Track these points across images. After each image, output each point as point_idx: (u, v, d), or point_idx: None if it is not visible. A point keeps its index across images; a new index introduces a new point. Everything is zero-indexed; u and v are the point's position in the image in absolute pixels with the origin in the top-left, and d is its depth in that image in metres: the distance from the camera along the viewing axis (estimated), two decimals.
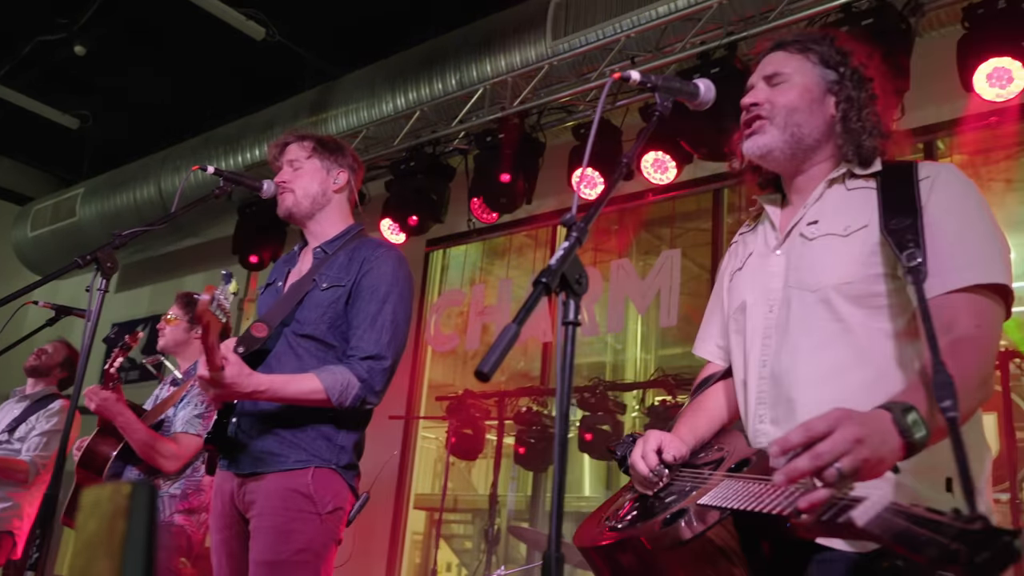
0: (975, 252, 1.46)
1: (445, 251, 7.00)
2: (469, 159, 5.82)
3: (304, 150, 2.75)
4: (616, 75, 1.53)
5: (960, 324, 1.40)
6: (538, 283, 1.25)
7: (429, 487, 6.94)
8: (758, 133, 1.68)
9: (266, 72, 7.16)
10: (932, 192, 1.52)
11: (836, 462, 1.18)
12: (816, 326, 1.56)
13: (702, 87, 1.64)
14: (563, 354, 1.25)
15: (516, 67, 5.43)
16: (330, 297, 2.52)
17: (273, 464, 2.41)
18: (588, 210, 1.44)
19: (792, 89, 1.67)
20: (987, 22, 3.85)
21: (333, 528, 2.42)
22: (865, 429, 1.21)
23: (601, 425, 5.56)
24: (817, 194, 1.65)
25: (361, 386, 2.41)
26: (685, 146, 4.67)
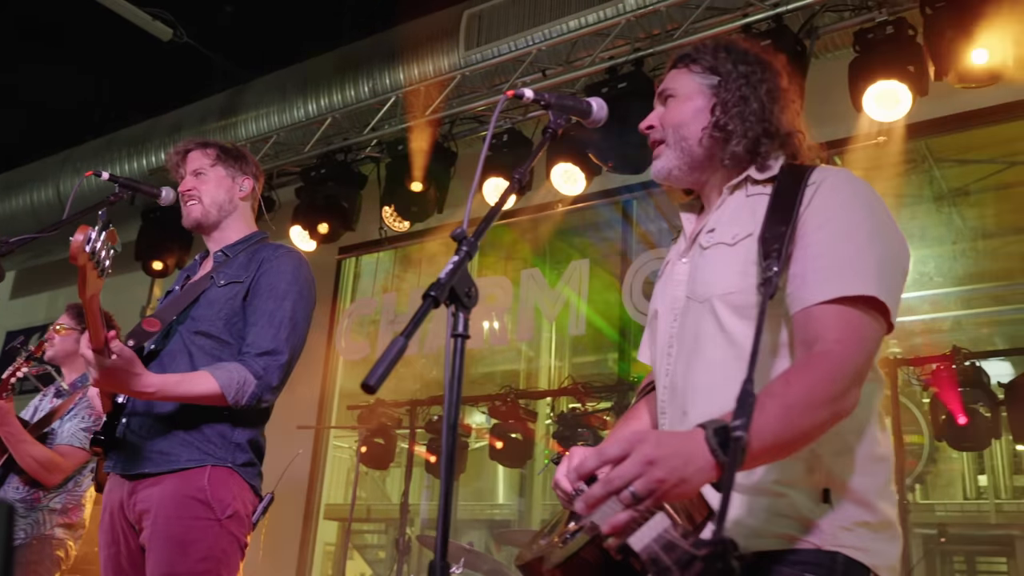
0: (845, 262, 1.40)
1: (357, 259, 6.95)
2: (381, 167, 5.80)
3: (208, 158, 2.70)
4: (510, 93, 1.57)
5: (821, 339, 1.36)
6: (427, 296, 1.26)
7: (341, 497, 6.85)
8: (657, 158, 1.68)
9: (173, 74, 6.98)
10: (814, 198, 1.47)
11: (629, 486, 1.19)
12: (706, 337, 1.54)
13: (595, 105, 1.69)
14: (451, 366, 1.27)
15: (429, 76, 5.44)
16: (227, 293, 2.49)
17: (164, 464, 2.33)
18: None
19: (676, 104, 1.67)
20: (876, 46, 4.06)
21: (235, 533, 2.34)
22: (661, 451, 1.20)
23: (512, 433, 5.61)
24: (719, 201, 1.63)
25: (257, 383, 2.36)
26: (593, 158, 4.76)
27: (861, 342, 1.37)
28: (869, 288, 1.37)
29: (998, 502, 6.95)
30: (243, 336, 2.45)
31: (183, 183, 2.67)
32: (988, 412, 4.32)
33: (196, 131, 6.38)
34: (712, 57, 1.66)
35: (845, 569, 1.39)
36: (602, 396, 5.55)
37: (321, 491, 6.64)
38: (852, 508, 1.42)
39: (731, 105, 1.59)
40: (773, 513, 1.42)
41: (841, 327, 1.36)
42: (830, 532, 1.40)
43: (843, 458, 1.45)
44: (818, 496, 1.41)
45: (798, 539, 1.40)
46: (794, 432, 1.29)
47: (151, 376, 2.24)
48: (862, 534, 1.41)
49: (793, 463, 1.41)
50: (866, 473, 1.45)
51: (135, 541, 2.37)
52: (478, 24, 5.28)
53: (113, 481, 2.46)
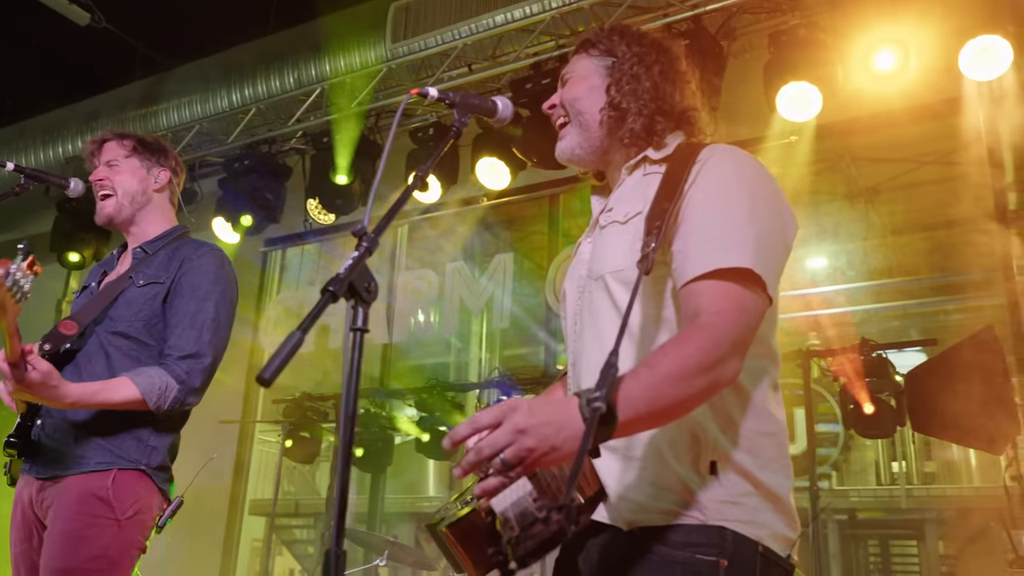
0: (723, 236, 1.42)
1: (283, 251, 6.87)
2: (306, 159, 5.75)
3: (123, 148, 2.63)
4: (414, 91, 1.58)
5: (701, 311, 1.38)
6: (325, 291, 1.28)
7: (269, 492, 6.78)
8: (562, 139, 1.70)
9: (91, 59, 6.78)
10: (699, 175, 1.49)
11: (500, 453, 1.23)
12: (600, 313, 1.56)
13: (500, 104, 1.72)
14: (350, 360, 1.28)
15: (355, 68, 5.41)
16: (147, 294, 2.44)
17: (74, 466, 2.30)
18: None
19: (573, 83, 1.70)
20: (789, 48, 4.19)
21: (133, 534, 2.30)
22: (532, 419, 1.24)
23: (438, 426, 5.64)
24: (620, 181, 1.65)
25: (180, 388, 2.33)
26: (518, 153, 4.81)
27: (738, 313, 1.38)
28: (745, 260, 1.39)
29: (909, 487, 7.25)
30: (163, 337, 2.41)
31: (95, 172, 2.60)
32: (894, 401, 4.53)
33: (115, 119, 6.22)
34: (607, 40, 1.70)
35: (735, 545, 1.41)
36: (528, 387, 5.61)
37: (246, 486, 6.57)
38: (738, 481, 1.44)
39: (624, 83, 1.63)
40: (659, 487, 1.45)
41: (719, 299, 1.38)
42: (714, 506, 1.42)
43: (730, 432, 1.47)
44: (705, 469, 1.44)
45: (682, 514, 1.43)
46: (668, 400, 1.32)
47: (69, 387, 2.20)
48: (747, 507, 1.44)
49: (679, 437, 1.45)
50: (753, 447, 1.48)
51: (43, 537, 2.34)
52: (405, 17, 5.27)
53: (25, 478, 2.41)
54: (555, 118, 1.72)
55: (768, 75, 4.24)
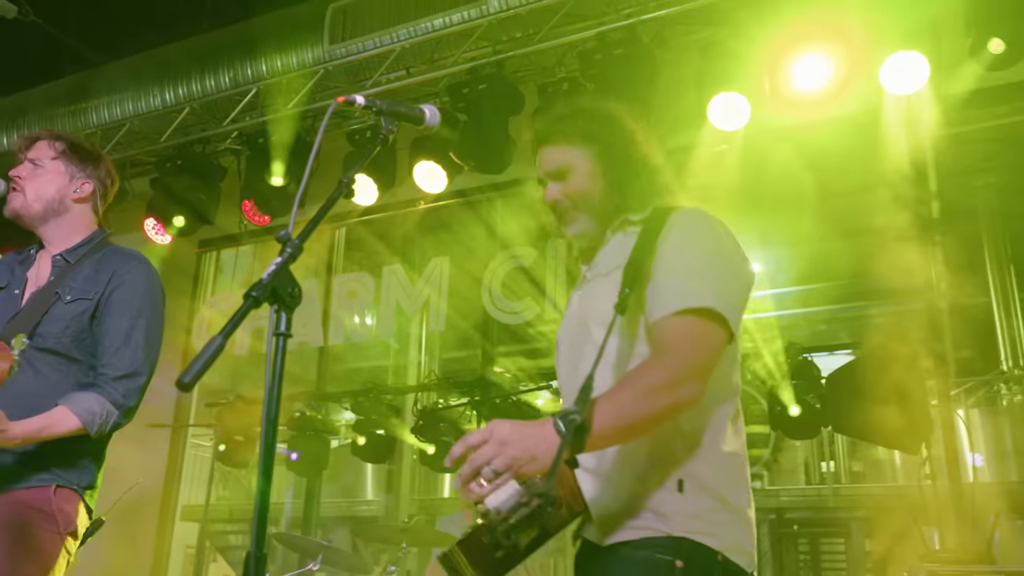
0: (687, 282, 1.67)
1: (217, 253, 6.78)
2: (241, 160, 5.68)
3: (52, 150, 2.55)
4: (341, 98, 1.61)
5: (666, 342, 1.63)
6: (248, 296, 1.29)
7: (203, 497, 6.67)
8: (571, 223, 1.89)
9: (18, 53, 6.60)
10: (669, 233, 1.74)
11: (490, 464, 1.48)
12: (585, 357, 1.76)
13: (427, 113, 1.75)
14: (272, 364, 1.30)
15: (292, 69, 5.37)
16: (75, 310, 2.40)
17: (9, 483, 2.27)
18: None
19: (576, 180, 1.87)
20: (719, 58, 4.31)
21: (68, 548, 2.32)
22: (514, 434, 1.50)
23: (375, 429, 5.63)
24: (605, 242, 1.89)
25: (119, 413, 2.34)
26: (454, 158, 4.84)
27: (697, 341, 1.62)
28: (707, 301, 1.64)
29: (836, 487, 7.47)
30: (91, 352, 2.39)
31: (15, 169, 2.54)
32: (818, 403, 4.67)
33: (42, 115, 6.06)
34: (583, 127, 1.89)
35: (690, 552, 1.61)
36: (464, 391, 5.65)
37: (178, 491, 6.46)
38: (703, 497, 1.65)
39: (616, 167, 1.85)
40: (631, 504, 1.66)
41: (682, 332, 1.63)
42: (679, 520, 1.63)
43: (695, 452, 1.68)
44: (674, 486, 1.65)
45: (651, 528, 1.64)
46: (635, 415, 1.55)
47: (16, 428, 2.17)
48: (711, 520, 1.64)
49: (650, 458, 1.67)
50: (717, 467, 1.69)
51: None
52: (343, 17, 5.24)
53: None
54: (559, 209, 1.89)
55: (699, 85, 4.35)
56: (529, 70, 5.05)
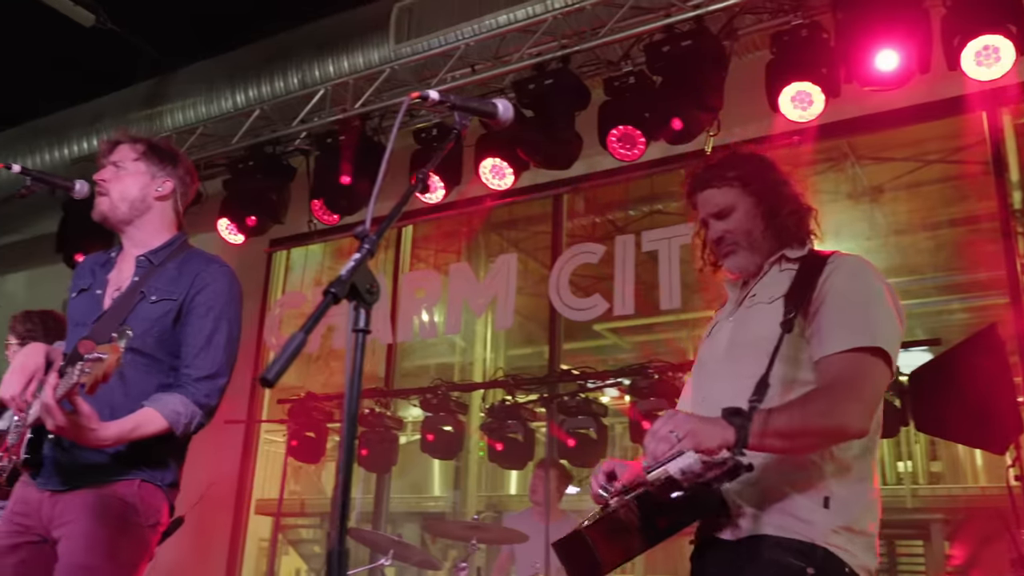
0: (856, 322, 1.84)
1: (287, 252, 6.89)
2: (310, 160, 5.76)
3: (133, 152, 2.61)
4: (415, 94, 1.60)
5: (837, 376, 1.79)
6: (327, 293, 1.29)
7: (275, 492, 6.81)
8: (732, 255, 2.09)
9: (96, 61, 6.81)
10: (831, 275, 1.91)
11: (672, 432, 1.70)
12: (741, 373, 1.89)
13: (500, 107, 1.74)
14: (352, 360, 1.30)
15: (359, 69, 5.43)
16: (159, 311, 2.46)
17: (97, 476, 2.33)
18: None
19: (738, 217, 2.06)
20: (791, 48, 4.19)
21: (150, 542, 2.38)
22: (687, 416, 1.76)
23: (443, 426, 5.65)
24: (761, 274, 2.07)
25: (202, 413, 2.40)
26: (521, 154, 4.82)
27: (868, 378, 1.80)
28: (874, 340, 1.81)
29: (914, 487, 7.24)
30: (174, 353, 2.44)
31: (99, 172, 2.61)
32: (898, 401, 4.51)
33: (119, 121, 6.24)
34: (742, 173, 2.07)
35: (823, 561, 1.75)
36: (532, 388, 5.62)
37: (252, 486, 6.59)
38: (843, 517, 1.80)
39: (776, 209, 2.04)
40: (782, 511, 1.81)
41: (855, 368, 1.79)
42: (822, 532, 1.78)
43: (841, 477, 1.83)
44: (820, 502, 1.81)
45: (794, 531, 1.78)
46: (809, 427, 1.74)
47: (108, 430, 2.23)
48: (847, 538, 1.79)
49: (799, 472, 1.82)
50: (858, 493, 1.85)
51: (41, 549, 2.36)
52: (408, 18, 5.28)
53: (28, 491, 2.42)
54: (723, 245, 2.09)
55: (770, 75, 4.25)
56: (595, 64, 4.99)
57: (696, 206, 2.16)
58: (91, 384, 2.03)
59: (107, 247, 2.78)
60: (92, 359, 2.02)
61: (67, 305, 2.66)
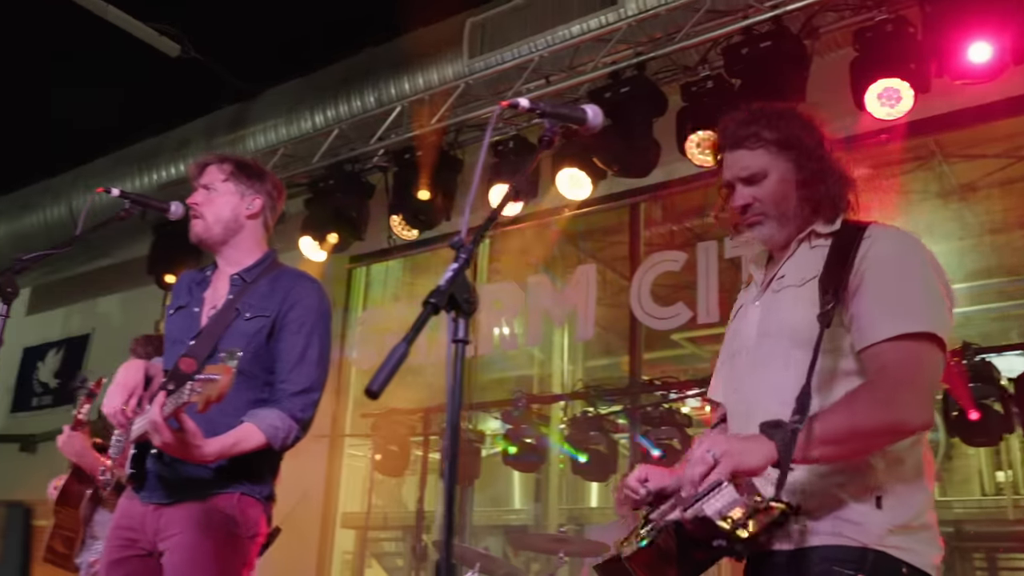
0: (902, 305, 1.65)
1: (367, 268, 6.99)
2: (388, 176, 5.85)
3: (222, 172, 2.69)
4: (505, 103, 1.60)
5: (887, 366, 1.63)
6: (427, 303, 1.29)
7: (358, 505, 6.89)
8: (758, 225, 1.88)
9: (181, 89, 7.05)
10: (870, 250, 1.71)
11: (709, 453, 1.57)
12: (774, 368, 1.76)
13: (590, 113, 1.72)
14: (453, 371, 1.30)
15: (434, 85, 5.49)
16: (254, 327, 2.52)
17: (199, 491, 2.40)
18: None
19: (770, 184, 1.85)
20: (876, 44, 4.07)
21: (251, 553, 2.43)
22: (726, 437, 1.63)
23: (525, 438, 5.63)
24: (789, 252, 1.87)
25: (298, 427, 2.45)
26: (598, 163, 4.79)
27: (924, 367, 1.64)
28: (925, 325, 1.63)
29: (1016, 498, 6.91)
30: (268, 368, 2.50)
31: (192, 196, 2.69)
32: (1000, 407, 4.31)
33: (205, 146, 6.44)
34: (778, 134, 1.85)
35: (875, 564, 1.61)
36: (614, 400, 5.57)
37: (338, 499, 6.68)
38: (899, 514, 1.65)
39: (811, 175, 1.83)
40: (833, 517, 1.66)
41: (903, 357, 1.62)
42: (876, 533, 1.63)
43: (895, 471, 1.68)
44: (872, 502, 1.65)
45: (846, 536, 1.64)
46: (865, 427, 1.59)
47: (211, 446, 2.30)
48: (905, 536, 1.64)
49: (848, 472, 1.67)
50: (913, 486, 1.70)
51: (146, 562, 2.42)
52: (481, 32, 5.32)
53: (132, 504, 2.49)
54: (750, 214, 1.88)
55: (855, 73, 4.13)
56: (671, 70, 4.94)
57: (723, 164, 1.93)
58: (203, 404, 2.08)
59: (196, 267, 2.86)
60: (204, 379, 2.07)
61: (156, 324, 2.75)
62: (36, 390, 8.60)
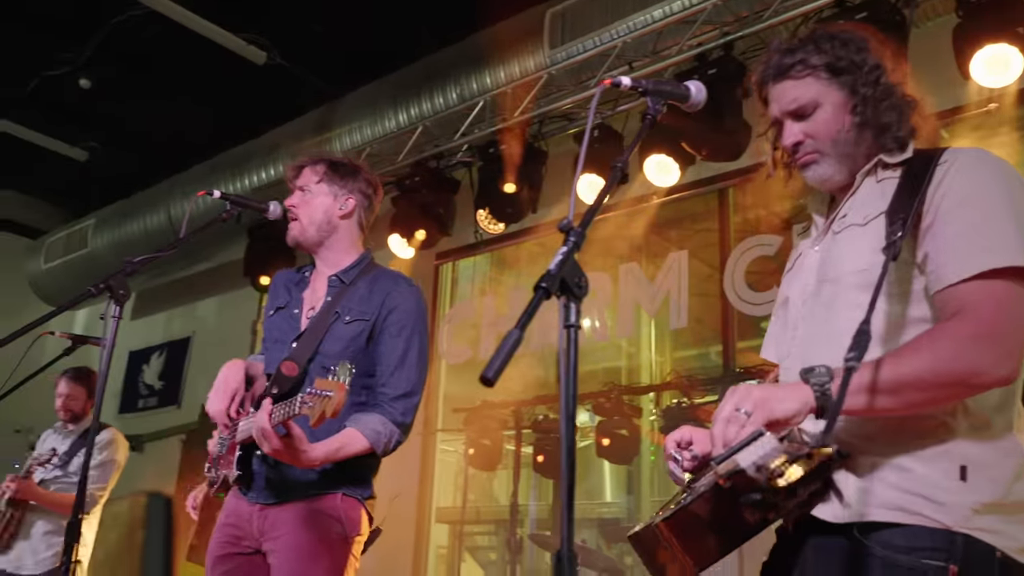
0: (985, 237, 1.42)
1: (454, 264, 7.02)
2: (473, 171, 5.86)
3: (315, 174, 2.71)
4: (607, 81, 1.56)
5: (968, 309, 1.40)
6: (538, 288, 1.26)
7: (451, 500, 6.94)
8: (814, 164, 1.68)
9: (268, 95, 7.22)
10: (946, 177, 1.50)
11: (740, 408, 1.42)
12: (834, 315, 1.57)
13: (693, 89, 1.66)
14: (566, 357, 1.27)
15: (515, 78, 5.46)
16: (354, 331, 2.54)
17: (303, 492, 2.45)
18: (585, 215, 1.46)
19: (823, 116, 1.65)
20: (981, 9, 3.86)
21: (355, 553, 2.47)
22: (758, 387, 1.47)
23: (618, 430, 5.58)
24: (853, 189, 1.67)
25: (400, 432, 2.48)
26: (687, 147, 4.69)
27: (1006, 308, 1.39)
28: (1010, 259, 1.39)
29: None
30: (367, 372, 2.52)
31: (289, 198, 2.73)
32: None
33: (291, 150, 6.58)
34: (828, 57, 1.65)
35: (967, 550, 1.36)
36: (708, 389, 5.46)
37: (432, 495, 6.74)
38: (988, 488, 1.40)
39: (869, 103, 1.62)
40: (899, 488, 1.42)
41: (984, 297, 1.39)
42: (960, 513, 1.38)
43: (980, 434, 1.43)
44: (955, 473, 1.40)
45: (923, 516, 1.39)
46: (924, 376, 1.36)
47: (317, 451, 2.34)
48: (997, 517, 1.38)
49: (927, 438, 1.43)
50: (1003, 453, 1.43)
51: (250, 560, 2.47)
52: (561, 22, 5.27)
53: (239, 503, 2.55)
54: (802, 153, 1.68)
55: (959, 40, 3.92)
56: (760, 49, 4.78)
57: (768, 100, 1.72)
58: (317, 419, 2.11)
59: (290, 267, 2.90)
60: (316, 394, 2.09)
61: (253, 326, 2.80)
62: (142, 392, 8.96)
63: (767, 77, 1.71)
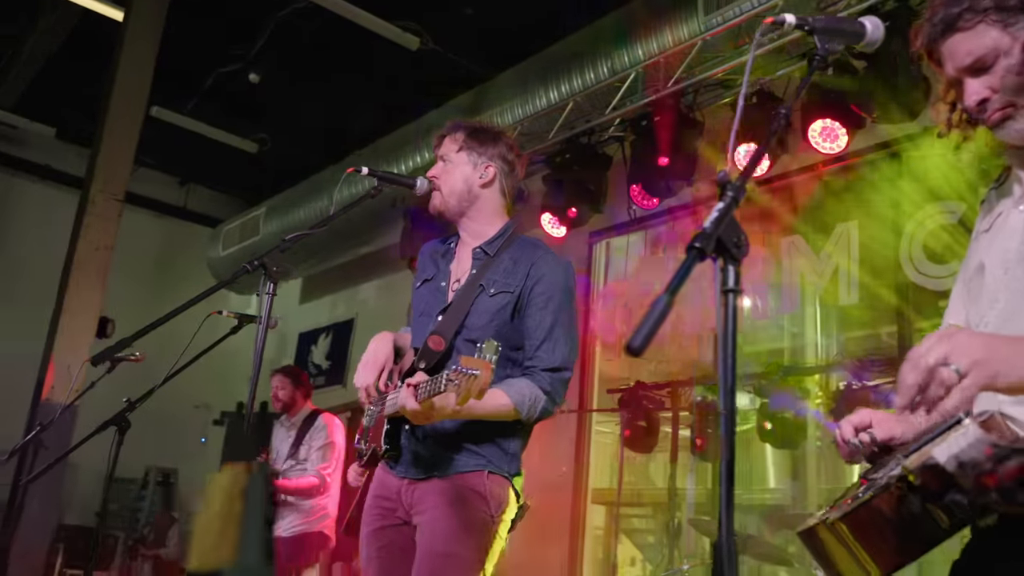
0: None
1: (607, 242, 6.90)
2: (626, 146, 5.71)
3: (455, 143, 2.65)
4: (769, 20, 1.40)
5: None
6: (691, 248, 1.14)
7: (606, 481, 6.86)
8: (1009, 120, 1.47)
9: (422, 80, 7.34)
10: None
11: (948, 363, 1.17)
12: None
13: (869, 26, 1.47)
14: (724, 324, 1.14)
15: (668, 47, 5.26)
16: (498, 303, 2.49)
17: (449, 468, 2.43)
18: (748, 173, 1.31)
19: (1006, 65, 1.45)
20: None
21: (501, 531, 2.43)
22: (974, 336, 1.26)
23: (782, 413, 5.31)
24: None
25: (546, 400, 2.40)
26: (855, 109, 4.35)
27: None
28: None
29: None
30: (513, 345, 2.46)
31: (432, 169, 2.69)
32: None
33: None
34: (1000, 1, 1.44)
35: None
36: (880, 371, 5.09)
37: (587, 475, 6.68)
38: None
39: None
40: None
41: None
42: None
43: None
44: None
45: None
46: None
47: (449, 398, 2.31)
48: None
49: None
50: None
51: (401, 533, 2.48)
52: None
53: (388, 477, 2.56)
54: (991, 111, 1.47)
55: None
56: None
57: (941, 61, 1.51)
58: (463, 399, 2.07)
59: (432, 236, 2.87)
60: (462, 372, 2.04)
61: (410, 307, 2.79)
62: (311, 371, 9.42)
63: (934, 35, 1.51)
